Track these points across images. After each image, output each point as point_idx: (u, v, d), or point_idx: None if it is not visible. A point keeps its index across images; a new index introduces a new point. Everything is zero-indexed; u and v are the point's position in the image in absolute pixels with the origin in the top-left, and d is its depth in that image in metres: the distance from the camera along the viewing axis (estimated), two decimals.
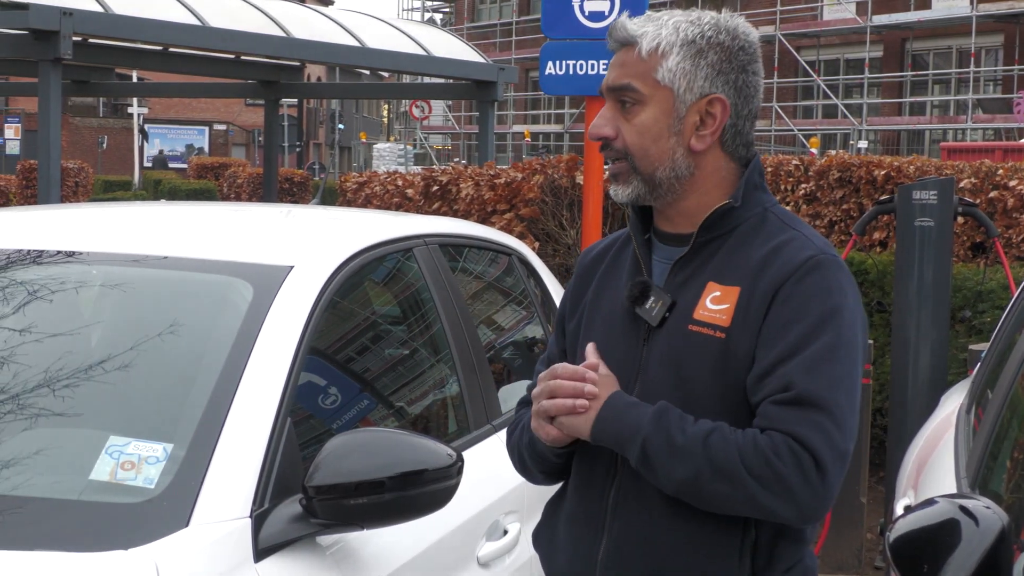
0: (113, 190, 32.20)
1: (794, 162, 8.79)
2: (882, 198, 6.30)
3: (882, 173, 8.04)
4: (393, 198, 10.26)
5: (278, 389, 2.48)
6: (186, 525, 2.20)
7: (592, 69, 5.96)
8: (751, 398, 2.04)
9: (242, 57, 13.36)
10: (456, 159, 39.73)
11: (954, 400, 4.12)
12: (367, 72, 35.19)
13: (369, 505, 2.32)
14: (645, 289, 2.14)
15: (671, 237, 2.19)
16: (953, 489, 3.05)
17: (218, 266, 2.84)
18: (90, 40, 11.44)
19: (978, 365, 3.98)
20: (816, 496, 1.98)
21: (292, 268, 2.78)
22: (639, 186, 2.15)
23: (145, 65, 14.62)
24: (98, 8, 9.64)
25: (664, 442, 2.02)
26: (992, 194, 7.58)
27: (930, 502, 1.92)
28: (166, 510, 2.22)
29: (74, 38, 9.23)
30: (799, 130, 33.11)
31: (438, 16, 49.63)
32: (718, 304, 2.09)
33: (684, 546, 2.08)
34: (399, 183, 10.40)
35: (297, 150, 42.00)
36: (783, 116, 33.40)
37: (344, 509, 2.31)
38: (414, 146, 43.78)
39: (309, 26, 12.06)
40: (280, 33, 11.39)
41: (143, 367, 2.58)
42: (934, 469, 3.51)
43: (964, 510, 1.85)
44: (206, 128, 49.08)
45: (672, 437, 2.01)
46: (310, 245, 3.06)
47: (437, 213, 8.79)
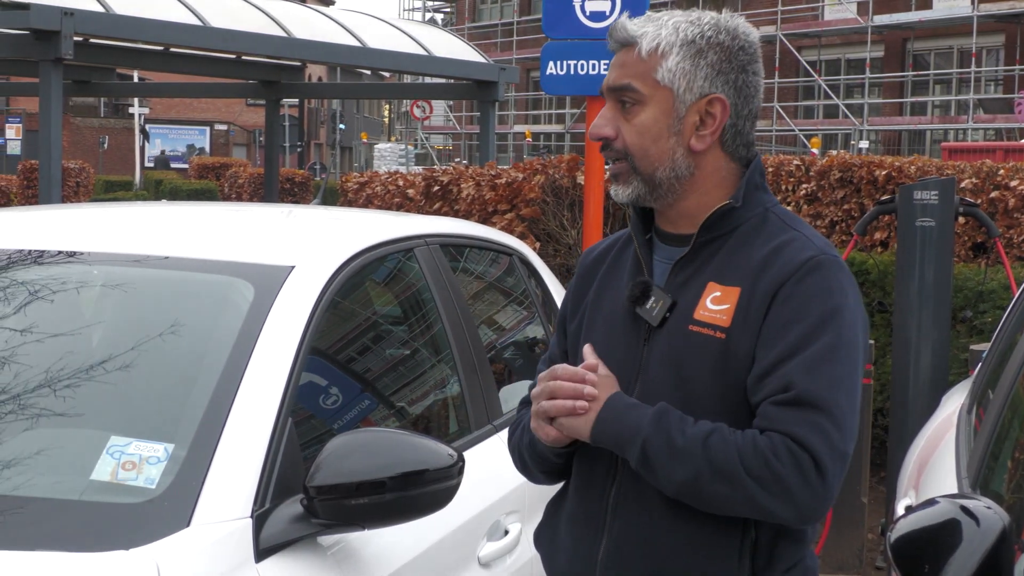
0: (114, 190, 32.21)
1: (795, 162, 8.79)
2: (883, 198, 6.29)
3: (883, 173, 8.04)
4: (394, 198, 10.25)
5: (279, 389, 2.48)
6: (187, 525, 2.20)
7: (593, 69, 5.96)
8: (751, 398, 2.04)
9: (243, 57, 13.35)
10: (457, 159, 39.73)
11: (955, 400, 4.12)
12: (368, 72, 35.17)
13: (370, 505, 2.32)
14: (646, 289, 2.15)
15: (672, 237, 2.19)
16: (954, 489, 3.05)
17: (219, 266, 2.84)
18: (91, 40, 11.44)
19: (979, 365, 3.98)
20: (815, 497, 1.98)
21: (293, 268, 2.78)
22: (639, 186, 2.15)
23: (146, 65, 14.61)
24: (99, 8, 9.63)
25: (664, 443, 2.02)
26: (993, 194, 7.58)
27: (931, 502, 1.92)
28: (167, 510, 2.22)
29: (75, 38, 9.22)
30: (800, 130, 33.11)
31: (439, 16, 49.65)
32: (718, 304, 2.09)
33: (684, 546, 2.08)
34: (400, 183, 10.40)
35: (298, 150, 42.07)
36: (784, 116, 33.39)
37: (345, 509, 2.31)
38: (415, 146, 43.79)
39: (310, 26, 12.05)
40: (281, 33, 11.39)
41: (144, 367, 2.58)
42: (935, 469, 3.51)
43: (965, 510, 1.85)
44: (207, 128, 49.06)
45: (672, 438, 2.02)
46: (311, 245, 3.06)
47: (438, 213, 8.79)
